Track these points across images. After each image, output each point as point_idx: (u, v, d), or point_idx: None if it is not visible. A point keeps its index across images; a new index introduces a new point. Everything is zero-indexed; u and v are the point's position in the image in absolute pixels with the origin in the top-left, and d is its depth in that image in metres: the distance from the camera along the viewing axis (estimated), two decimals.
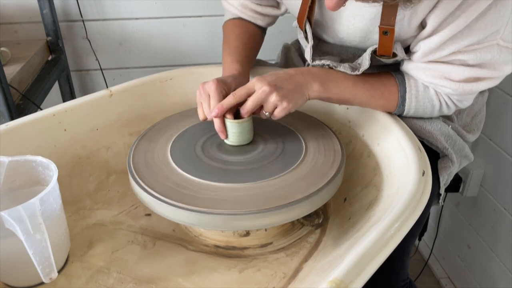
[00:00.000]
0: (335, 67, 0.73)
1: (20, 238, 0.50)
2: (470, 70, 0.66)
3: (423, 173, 0.59)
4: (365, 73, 0.73)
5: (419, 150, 0.64)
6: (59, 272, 0.61)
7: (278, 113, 0.66)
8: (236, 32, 0.85)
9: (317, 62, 0.75)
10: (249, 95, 0.65)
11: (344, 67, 0.72)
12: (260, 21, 0.88)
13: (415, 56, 0.69)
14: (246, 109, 0.65)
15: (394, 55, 0.69)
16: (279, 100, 0.64)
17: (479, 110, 0.87)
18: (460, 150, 0.80)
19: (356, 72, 0.71)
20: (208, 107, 0.67)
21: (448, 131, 0.77)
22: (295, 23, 0.80)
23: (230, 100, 0.65)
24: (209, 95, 0.67)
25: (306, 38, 0.77)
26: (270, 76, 0.67)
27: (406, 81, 0.72)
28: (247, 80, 0.77)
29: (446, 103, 0.73)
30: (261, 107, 0.67)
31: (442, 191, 0.81)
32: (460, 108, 0.75)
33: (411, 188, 0.56)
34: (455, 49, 0.64)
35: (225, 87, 0.67)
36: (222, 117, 0.66)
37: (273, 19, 0.90)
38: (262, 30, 0.91)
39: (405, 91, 0.72)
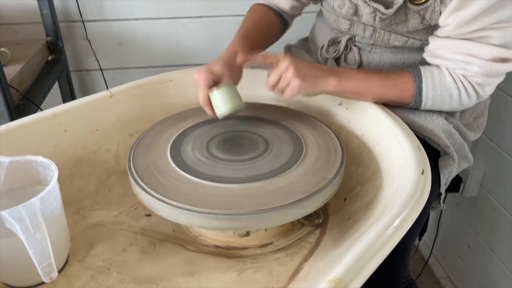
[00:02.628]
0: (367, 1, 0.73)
1: (21, 238, 0.50)
2: (496, 50, 0.67)
3: (423, 172, 0.59)
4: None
5: (418, 149, 0.64)
6: (59, 272, 0.61)
7: (289, 91, 0.70)
8: (250, 16, 0.89)
9: None
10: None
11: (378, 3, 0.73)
12: (284, 3, 0.90)
13: (445, 30, 0.70)
14: (269, 82, 0.71)
15: None
16: (293, 76, 0.69)
17: (482, 112, 0.87)
18: (459, 149, 0.80)
19: (390, 10, 0.71)
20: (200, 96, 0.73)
21: (449, 129, 0.78)
22: None
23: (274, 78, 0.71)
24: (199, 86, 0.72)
25: None
26: (298, 58, 0.72)
27: (422, 73, 0.74)
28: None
29: (466, 90, 0.73)
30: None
31: (442, 190, 0.81)
32: (481, 96, 0.75)
33: (410, 187, 0.56)
34: (484, 24, 0.65)
35: (214, 77, 0.72)
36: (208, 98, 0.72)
37: (298, 3, 0.91)
38: (282, 20, 0.92)
39: (421, 82, 0.73)
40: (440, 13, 0.70)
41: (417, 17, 0.72)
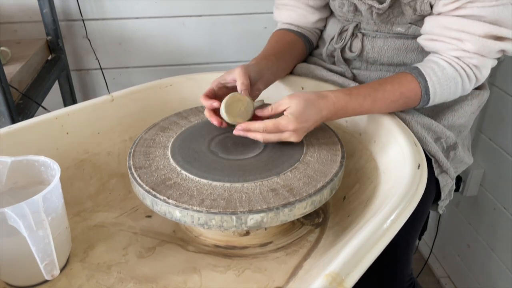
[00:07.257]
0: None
1: (24, 234, 0.51)
2: (489, 27, 0.68)
3: (419, 166, 0.59)
4: (382, 81, 0.74)
5: (414, 145, 0.64)
6: (60, 271, 0.61)
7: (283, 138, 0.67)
8: (270, 39, 0.92)
9: None
10: (278, 129, 0.66)
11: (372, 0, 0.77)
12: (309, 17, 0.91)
13: (438, 7, 0.72)
14: (266, 140, 0.67)
15: None
16: (291, 136, 0.66)
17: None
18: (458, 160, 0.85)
19: (384, 5, 0.76)
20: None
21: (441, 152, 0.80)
22: None
23: (258, 127, 0.66)
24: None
25: None
26: (304, 116, 0.66)
27: (423, 72, 0.74)
28: (256, 70, 0.76)
29: (467, 75, 0.74)
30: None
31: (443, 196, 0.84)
32: (479, 80, 0.76)
33: (406, 181, 0.57)
34: None
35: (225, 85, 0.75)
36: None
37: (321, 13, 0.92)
38: (305, 40, 0.93)
39: (425, 81, 0.73)
40: (430, 5, 0.73)
41: (409, 9, 0.76)
